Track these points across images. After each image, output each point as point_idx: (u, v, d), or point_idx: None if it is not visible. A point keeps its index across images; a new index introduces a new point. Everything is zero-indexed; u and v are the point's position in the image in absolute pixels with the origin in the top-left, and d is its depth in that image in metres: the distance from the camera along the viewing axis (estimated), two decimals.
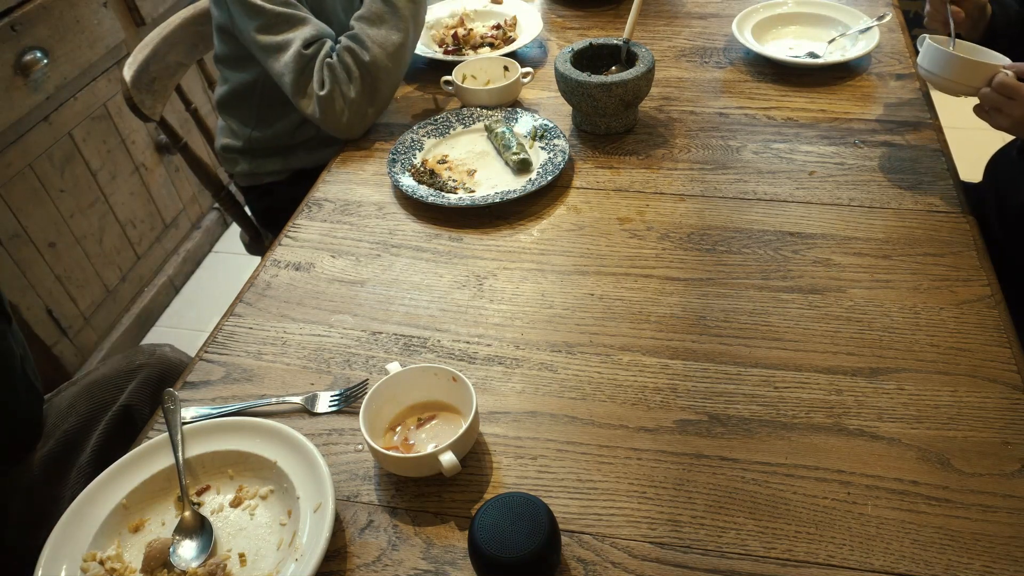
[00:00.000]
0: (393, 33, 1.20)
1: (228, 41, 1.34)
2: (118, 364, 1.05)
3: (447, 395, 0.78)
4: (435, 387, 0.79)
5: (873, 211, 1.02)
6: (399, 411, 0.79)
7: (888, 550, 0.67)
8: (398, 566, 0.68)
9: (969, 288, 0.90)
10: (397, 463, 0.73)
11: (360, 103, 1.20)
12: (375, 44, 1.19)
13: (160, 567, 0.69)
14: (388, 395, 0.78)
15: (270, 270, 1.01)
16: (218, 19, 1.32)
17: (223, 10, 1.28)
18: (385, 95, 1.23)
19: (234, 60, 1.37)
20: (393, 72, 1.22)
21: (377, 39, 1.19)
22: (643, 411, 0.80)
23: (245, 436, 0.77)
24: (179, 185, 2.23)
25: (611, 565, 0.67)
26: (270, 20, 1.19)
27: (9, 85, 1.61)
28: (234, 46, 1.33)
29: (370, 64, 1.18)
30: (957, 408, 0.77)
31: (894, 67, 1.30)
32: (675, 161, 1.14)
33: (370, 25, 1.20)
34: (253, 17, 1.20)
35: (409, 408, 0.79)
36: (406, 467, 0.74)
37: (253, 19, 1.20)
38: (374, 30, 1.20)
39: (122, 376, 1.03)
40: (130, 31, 1.96)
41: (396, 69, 1.22)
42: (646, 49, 1.17)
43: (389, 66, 1.20)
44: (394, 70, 1.22)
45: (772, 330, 0.87)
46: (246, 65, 1.35)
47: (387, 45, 1.19)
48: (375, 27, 1.20)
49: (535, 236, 1.03)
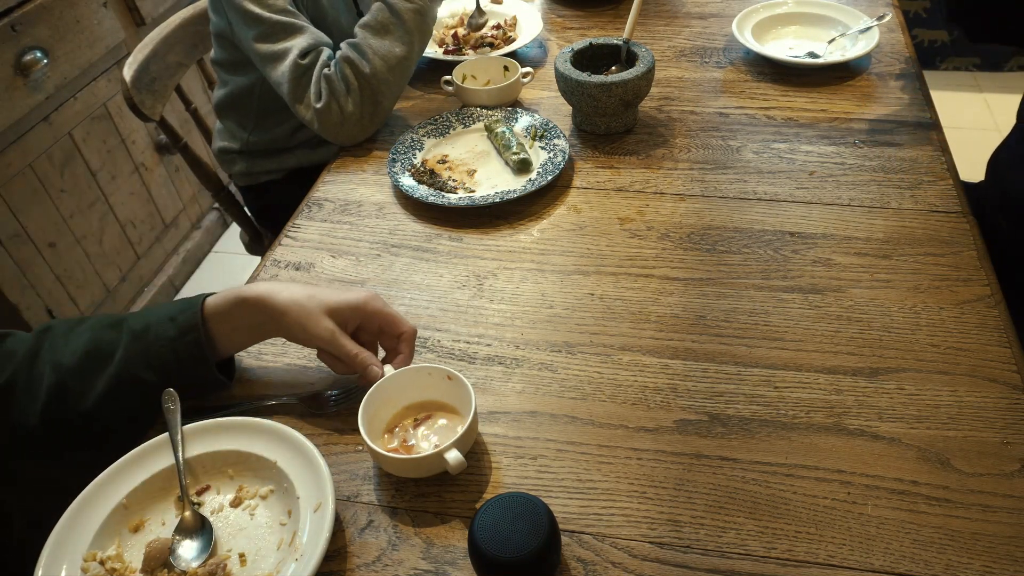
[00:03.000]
0: (397, 45, 1.18)
1: (226, 46, 1.34)
2: None
3: (443, 394, 0.78)
4: (430, 387, 0.79)
5: (873, 211, 1.02)
6: (395, 412, 0.79)
7: (888, 550, 0.67)
8: (398, 566, 0.68)
9: (969, 288, 0.90)
10: (401, 465, 0.73)
11: (358, 116, 1.18)
12: (377, 56, 1.17)
13: (160, 567, 0.69)
14: (383, 398, 0.77)
15: (270, 270, 1.01)
16: (216, 25, 1.31)
17: (221, 17, 1.27)
18: (385, 108, 1.21)
19: (232, 65, 1.37)
20: (394, 85, 1.20)
21: (380, 50, 1.17)
22: (643, 411, 0.80)
23: (245, 436, 0.76)
24: (179, 185, 2.23)
25: (611, 565, 0.67)
26: (268, 29, 1.18)
27: (9, 85, 1.61)
28: (232, 51, 1.33)
29: (370, 76, 1.16)
30: (957, 408, 0.77)
31: (894, 67, 1.30)
32: (675, 161, 1.14)
33: (373, 35, 1.18)
34: (252, 26, 1.18)
35: (405, 409, 0.79)
36: (410, 468, 0.74)
37: (252, 28, 1.19)
38: (377, 40, 1.18)
39: None
40: (130, 31, 1.96)
41: (397, 82, 1.20)
42: (646, 49, 1.17)
43: (390, 79, 1.18)
44: (395, 83, 1.20)
45: (772, 330, 0.87)
46: (244, 69, 1.35)
47: (389, 58, 1.17)
48: (378, 37, 1.18)
49: (535, 236, 1.03)
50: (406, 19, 1.18)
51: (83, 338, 0.77)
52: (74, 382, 0.75)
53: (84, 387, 0.75)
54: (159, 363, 0.76)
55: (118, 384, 0.75)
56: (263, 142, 1.44)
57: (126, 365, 0.75)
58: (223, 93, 1.43)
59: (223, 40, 1.33)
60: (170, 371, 0.76)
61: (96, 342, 0.77)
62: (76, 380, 0.75)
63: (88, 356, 0.76)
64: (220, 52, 1.38)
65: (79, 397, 0.75)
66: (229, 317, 0.78)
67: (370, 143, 1.23)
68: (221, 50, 1.37)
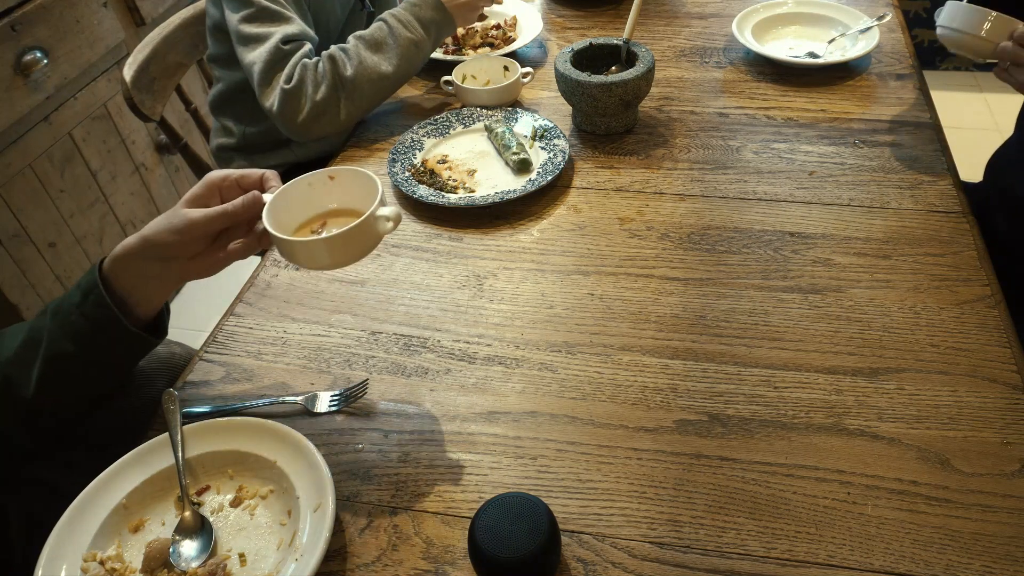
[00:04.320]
0: (384, 63, 1.20)
1: (222, 40, 1.35)
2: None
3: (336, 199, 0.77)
4: (318, 197, 0.78)
5: (873, 211, 1.02)
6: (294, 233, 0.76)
7: (888, 550, 0.67)
8: (398, 566, 0.68)
9: (969, 288, 0.90)
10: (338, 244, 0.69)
11: (323, 107, 1.17)
12: (362, 64, 1.18)
13: (160, 567, 0.69)
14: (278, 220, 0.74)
15: (270, 270, 1.01)
16: (213, 18, 1.33)
17: (218, 7, 1.29)
18: (349, 115, 1.20)
19: (227, 59, 1.37)
20: (367, 98, 1.20)
21: (367, 61, 1.19)
22: (643, 411, 0.80)
23: (245, 436, 0.76)
24: (179, 185, 2.23)
25: (611, 565, 0.67)
26: (256, 12, 1.20)
27: (9, 85, 1.61)
28: (227, 46, 1.34)
29: (348, 79, 1.17)
30: (957, 408, 0.77)
31: (894, 67, 1.30)
32: (675, 161, 1.14)
33: (366, 47, 1.20)
34: (240, 7, 1.21)
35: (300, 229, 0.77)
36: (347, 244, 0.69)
37: (240, 8, 1.21)
38: (367, 53, 1.19)
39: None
40: (130, 31, 1.96)
41: (371, 97, 1.21)
42: (646, 49, 1.17)
43: (365, 90, 1.19)
44: (368, 96, 1.20)
45: (772, 330, 0.87)
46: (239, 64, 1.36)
47: (372, 71, 1.19)
48: (369, 51, 1.19)
49: (535, 236, 1.03)
50: (401, 44, 1.20)
51: (22, 331, 0.78)
52: (16, 372, 0.76)
53: (24, 375, 0.75)
54: (73, 331, 0.75)
55: (50, 363, 0.75)
56: (260, 134, 1.45)
57: (51, 343, 0.76)
58: (218, 90, 1.44)
59: (219, 33, 1.34)
60: (86, 337, 0.76)
61: (30, 331, 0.77)
62: (16, 370, 0.76)
63: (24, 345, 0.77)
64: (216, 47, 1.38)
65: (21, 387, 0.75)
66: (125, 269, 0.76)
67: (370, 143, 1.23)
68: (217, 44, 1.38)
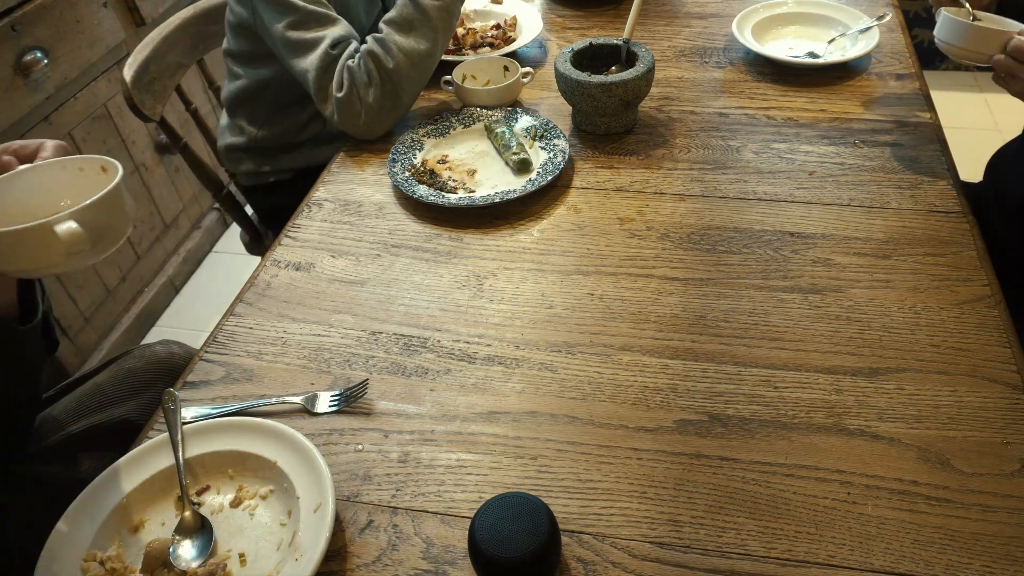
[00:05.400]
0: (421, 42, 1.19)
1: (246, 38, 1.33)
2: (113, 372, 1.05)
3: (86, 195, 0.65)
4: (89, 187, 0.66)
5: (873, 211, 1.02)
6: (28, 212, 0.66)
7: (888, 550, 0.67)
8: (398, 566, 0.68)
9: (969, 288, 0.90)
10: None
11: (378, 109, 1.19)
12: (401, 52, 1.18)
13: (160, 567, 0.69)
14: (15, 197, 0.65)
15: (270, 270, 1.01)
16: (239, 16, 1.30)
17: (246, 6, 1.26)
18: (406, 103, 1.22)
19: (249, 57, 1.36)
20: (416, 81, 1.21)
21: (404, 47, 1.18)
22: (643, 411, 0.80)
23: (245, 436, 0.77)
24: (179, 185, 2.23)
25: (611, 565, 0.67)
26: (301, 17, 1.19)
27: (9, 85, 1.61)
28: (251, 43, 1.32)
29: (392, 72, 1.17)
30: (957, 408, 0.77)
31: (894, 67, 1.30)
32: (675, 161, 1.14)
33: (398, 31, 1.19)
34: (284, 13, 1.19)
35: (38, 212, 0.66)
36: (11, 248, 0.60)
37: (284, 15, 1.19)
38: (401, 37, 1.18)
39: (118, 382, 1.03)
40: (130, 31, 1.96)
41: (419, 78, 1.21)
42: (646, 49, 1.17)
43: (412, 75, 1.20)
44: (417, 79, 1.21)
45: (772, 330, 0.87)
46: (263, 62, 1.35)
47: (413, 54, 1.18)
48: (403, 34, 1.19)
49: (535, 236, 1.03)
50: (431, 15, 1.19)
51: None
52: None
53: None
54: None
55: None
56: (272, 136, 1.44)
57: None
58: (236, 86, 1.41)
59: (244, 31, 1.32)
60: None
61: None
62: None
63: None
64: (238, 44, 1.36)
65: None
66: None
67: (370, 143, 1.23)
68: (239, 41, 1.35)
